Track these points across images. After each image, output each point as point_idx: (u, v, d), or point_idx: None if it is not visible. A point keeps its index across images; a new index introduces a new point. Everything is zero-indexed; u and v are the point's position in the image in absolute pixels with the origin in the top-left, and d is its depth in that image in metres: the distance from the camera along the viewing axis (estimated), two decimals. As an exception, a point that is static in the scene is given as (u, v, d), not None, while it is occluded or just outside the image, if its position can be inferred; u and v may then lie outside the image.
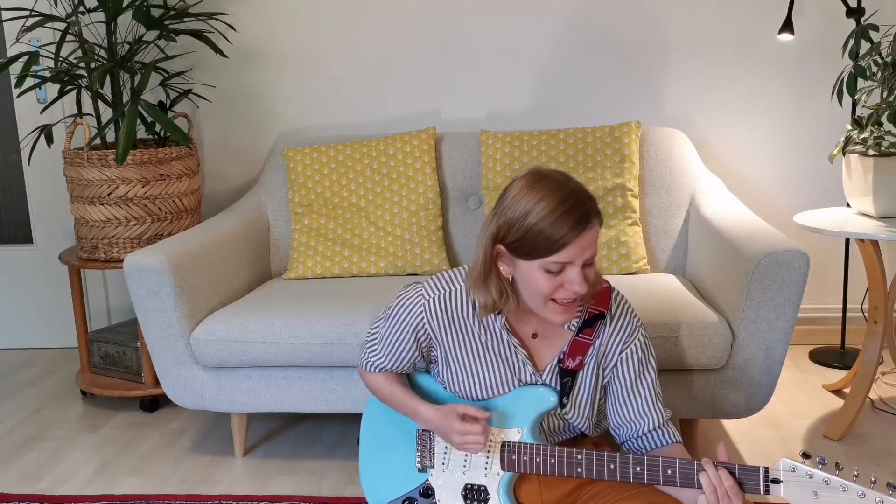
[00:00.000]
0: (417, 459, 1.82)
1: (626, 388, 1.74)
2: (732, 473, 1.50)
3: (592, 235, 1.58)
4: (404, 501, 1.82)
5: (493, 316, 1.73)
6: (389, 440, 1.88)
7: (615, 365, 1.74)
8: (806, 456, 1.48)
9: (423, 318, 1.77)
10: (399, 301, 1.80)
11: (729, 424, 2.80)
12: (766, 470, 1.49)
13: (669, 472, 1.56)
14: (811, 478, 1.45)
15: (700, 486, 1.52)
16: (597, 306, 1.74)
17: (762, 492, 1.49)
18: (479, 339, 1.75)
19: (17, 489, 2.57)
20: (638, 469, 1.58)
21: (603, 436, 1.88)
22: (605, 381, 1.76)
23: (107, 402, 3.18)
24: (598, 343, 1.74)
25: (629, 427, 1.75)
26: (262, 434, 2.87)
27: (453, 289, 1.76)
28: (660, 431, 1.74)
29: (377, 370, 1.86)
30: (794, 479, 1.46)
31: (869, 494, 1.41)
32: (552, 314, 1.63)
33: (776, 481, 1.48)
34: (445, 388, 1.82)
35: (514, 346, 1.73)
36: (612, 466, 1.60)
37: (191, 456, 2.74)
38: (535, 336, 1.75)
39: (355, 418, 2.22)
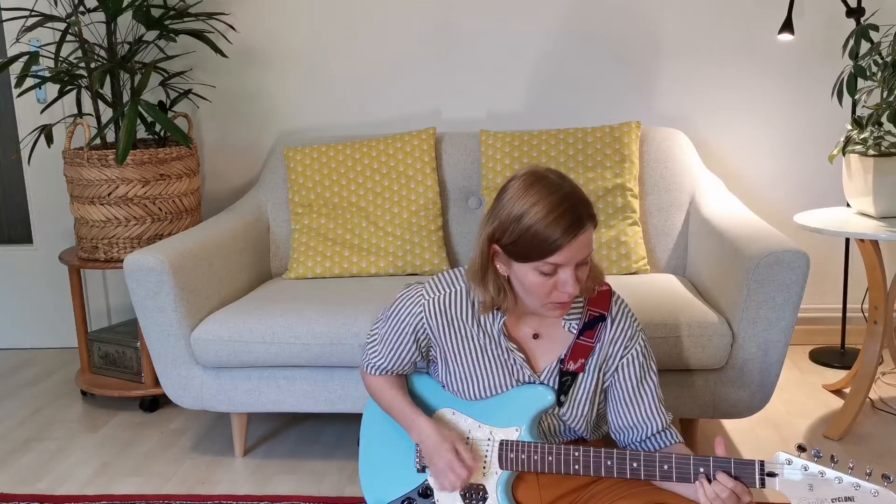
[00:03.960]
0: (416, 460, 1.82)
1: (629, 393, 1.74)
2: (736, 477, 1.50)
3: (585, 239, 1.58)
4: (403, 501, 1.82)
5: (491, 318, 1.73)
6: (389, 441, 1.88)
7: (616, 370, 1.74)
8: (801, 449, 1.49)
9: (422, 318, 1.77)
10: (399, 301, 1.80)
11: (729, 424, 2.80)
12: (762, 463, 1.50)
13: (666, 467, 1.56)
14: (807, 470, 1.46)
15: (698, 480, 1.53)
16: (598, 308, 1.74)
17: (758, 485, 1.50)
18: (478, 341, 1.75)
19: (16, 489, 2.57)
20: (635, 465, 1.58)
21: (602, 441, 1.87)
22: (606, 385, 1.76)
23: (107, 402, 3.18)
24: (599, 346, 1.73)
25: (632, 432, 1.74)
26: (262, 434, 2.87)
27: (453, 290, 1.77)
28: (662, 434, 1.73)
29: (378, 371, 1.87)
30: (789, 471, 1.47)
31: (864, 485, 1.42)
32: (548, 311, 1.65)
33: (772, 474, 1.49)
34: (444, 387, 1.82)
35: (511, 351, 1.73)
36: (609, 463, 1.60)
37: (191, 456, 2.74)
38: (536, 336, 1.75)
39: (355, 418, 2.22)
